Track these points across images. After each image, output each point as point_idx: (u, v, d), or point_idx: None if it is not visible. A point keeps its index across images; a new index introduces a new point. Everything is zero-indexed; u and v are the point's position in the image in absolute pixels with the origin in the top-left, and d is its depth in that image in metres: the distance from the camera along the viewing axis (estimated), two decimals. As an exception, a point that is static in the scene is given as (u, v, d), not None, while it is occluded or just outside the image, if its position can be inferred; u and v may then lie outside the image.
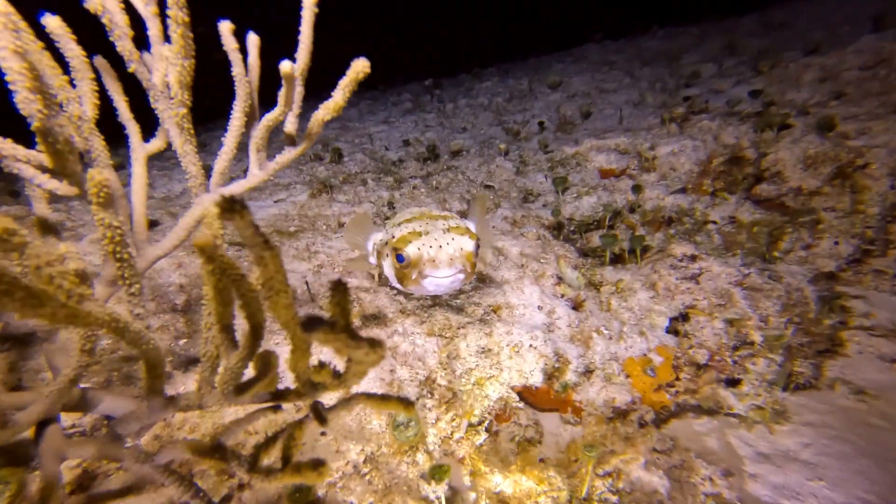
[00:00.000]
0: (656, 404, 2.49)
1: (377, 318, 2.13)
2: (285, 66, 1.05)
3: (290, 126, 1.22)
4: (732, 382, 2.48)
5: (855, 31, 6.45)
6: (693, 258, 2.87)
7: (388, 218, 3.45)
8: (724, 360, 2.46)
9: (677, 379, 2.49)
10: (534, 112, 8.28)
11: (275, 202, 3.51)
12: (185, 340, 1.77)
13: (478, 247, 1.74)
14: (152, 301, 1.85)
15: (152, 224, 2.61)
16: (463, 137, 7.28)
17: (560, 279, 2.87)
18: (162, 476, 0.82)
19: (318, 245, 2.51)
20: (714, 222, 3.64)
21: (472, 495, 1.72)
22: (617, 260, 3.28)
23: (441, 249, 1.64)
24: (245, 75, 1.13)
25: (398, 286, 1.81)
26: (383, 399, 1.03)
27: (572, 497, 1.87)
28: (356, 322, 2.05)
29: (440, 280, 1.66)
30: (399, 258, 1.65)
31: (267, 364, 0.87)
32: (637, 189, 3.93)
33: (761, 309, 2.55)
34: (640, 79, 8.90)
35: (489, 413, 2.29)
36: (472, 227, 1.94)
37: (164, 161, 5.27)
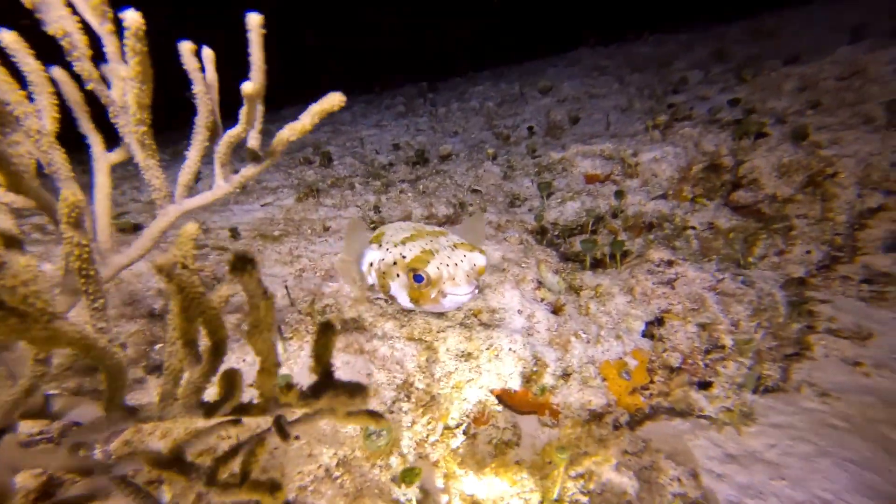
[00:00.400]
0: (631, 407, 2.55)
1: (356, 322, 2.17)
2: (247, 86, 1.09)
3: (253, 142, 1.25)
4: (704, 385, 2.55)
5: (840, 41, 6.61)
6: (670, 263, 2.95)
7: (374, 224, 3.49)
8: (697, 364, 2.53)
9: (651, 382, 2.56)
10: (524, 117, 8.37)
11: (262, 206, 3.54)
12: (161, 345, 1.79)
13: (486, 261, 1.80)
14: (129, 305, 1.88)
15: (136, 227, 2.63)
16: (453, 142, 7.35)
17: (540, 283, 2.92)
18: (119, 488, 0.85)
19: (302, 249, 2.55)
20: (693, 228, 3.73)
21: (445, 497, 1.76)
22: (597, 265, 3.35)
23: (458, 267, 1.68)
24: (206, 92, 1.16)
25: (409, 306, 1.77)
26: (350, 415, 1.06)
27: (544, 499, 1.92)
28: (348, 326, 2.08)
29: (460, 297, 1.69)
30: (417, 278, 1.65)
31: (232, 384, 0.91)
32: (619, 195, 4.01)
33: (732, 313, 2.63)
34: (629, 84, 9.03)
35: (467, 416, 2.34)
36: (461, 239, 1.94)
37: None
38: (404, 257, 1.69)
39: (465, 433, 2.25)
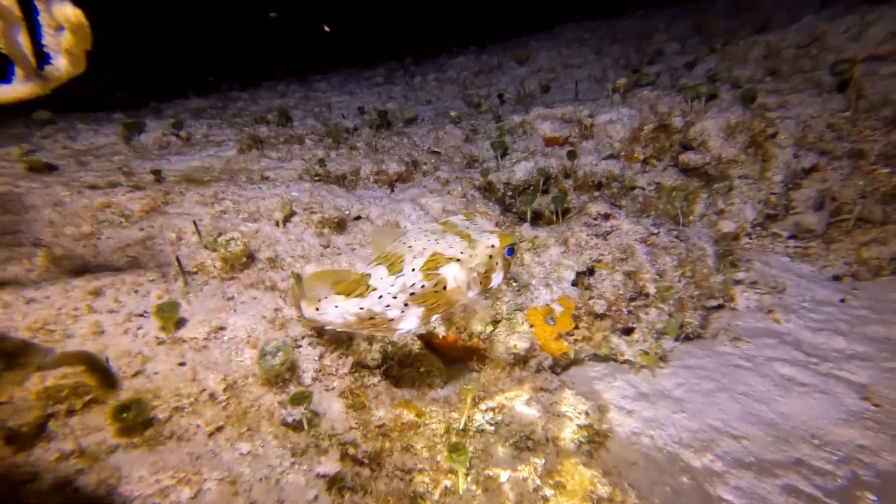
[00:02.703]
0: (555, 351, 2.62)
1: (272, 261, 2.15)
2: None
3: (48, 38, 1.15)
4: (627, 331, 2.63)
5: (815, 11, 6.58)
6: (606, 216, 2.98)
7: (318, 178, 3.43)
8: (620, 310, 2.60)
9: (576, 328, 2.62)
10: (499, 86, 8.25)
11: (203, 156, 3.44)
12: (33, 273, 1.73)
13: None
14: (12, 234, 1.81)
15: (50, 167, 2.54)
16: (424, 109, 7.24)
17: (477, 235, 2.94)
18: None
19: (228, 193, 2.50)
20: (641, 188, 3.77)
21: (345, 425, 1.80)
22: (540, 219, 3.38)
23: None
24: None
25: (500, 283, 1.77)
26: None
27: (449, 428, 1.98)
28: (262, 265, 2.06)
29: None
30: (510, 251, 1.70)
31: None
32: (571, 155, 4.01)
33: (659, 264, 2.69)
34: (606, 55, 8.94)
35: (391, 358, 2.38)
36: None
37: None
38: (493, 246, 1.67)
39: (385, 374, 2.29)
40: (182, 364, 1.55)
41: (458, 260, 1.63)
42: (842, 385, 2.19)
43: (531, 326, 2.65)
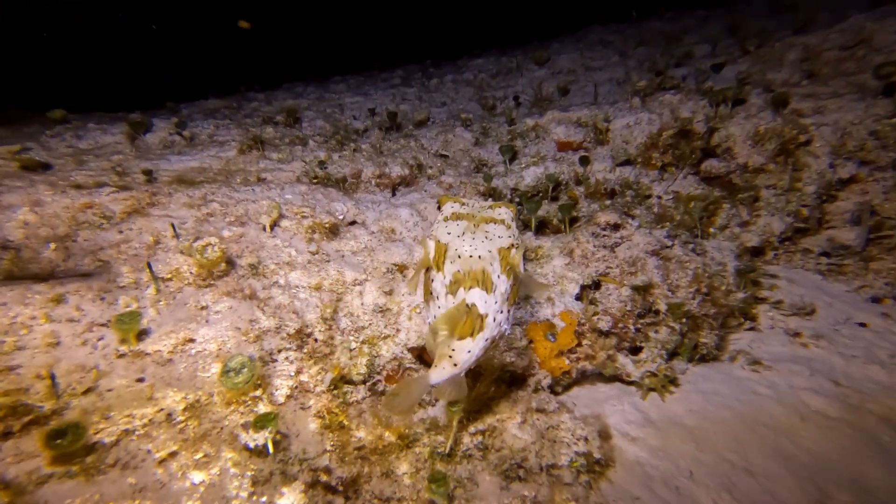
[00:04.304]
0: (555, 370, 2.44)
1: (254, 268, 2.06)
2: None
3: None
4: (634, 350, 2.42)
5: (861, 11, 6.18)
6: (616, 227, 2.78)
7: (317, 180, 3.35)
8: (628, 328, 2.40)
9: (579, 345, 2.44)
10: (517, 88, 8.09)
11: (202, 157, 3.41)
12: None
13: None
14: None
15: (44, 166, 2.52)
16: (438, 111, 7.14)
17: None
18: None
19: (218, 195, 2.43)
20: (658, 196, 3.54)
21: (319, 447, 1.68)
22: (547, 228, 3.20)
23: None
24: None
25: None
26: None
27: (432, 452, 1.84)
28: (243, 271, 1.96)
29: None
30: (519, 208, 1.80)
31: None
32: (584, 161, 3.81)
33: (672, 279, 2.47)
34: (630, 58, 8.66)
35: (379, 372, 2.25)
36: None
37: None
38: (513, 217, 1.78)
39: (371, 389, 2.16)
40: (140, 380, 1.46)
41: (513, 245, 1.69)
42: (879, 422, 1.94)
43: (530, 342, 2.48)
